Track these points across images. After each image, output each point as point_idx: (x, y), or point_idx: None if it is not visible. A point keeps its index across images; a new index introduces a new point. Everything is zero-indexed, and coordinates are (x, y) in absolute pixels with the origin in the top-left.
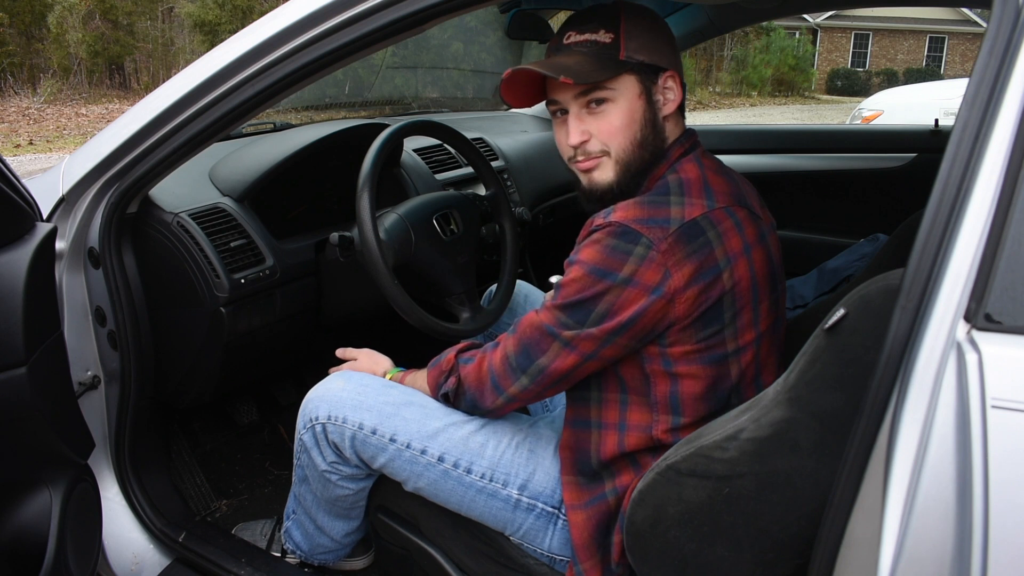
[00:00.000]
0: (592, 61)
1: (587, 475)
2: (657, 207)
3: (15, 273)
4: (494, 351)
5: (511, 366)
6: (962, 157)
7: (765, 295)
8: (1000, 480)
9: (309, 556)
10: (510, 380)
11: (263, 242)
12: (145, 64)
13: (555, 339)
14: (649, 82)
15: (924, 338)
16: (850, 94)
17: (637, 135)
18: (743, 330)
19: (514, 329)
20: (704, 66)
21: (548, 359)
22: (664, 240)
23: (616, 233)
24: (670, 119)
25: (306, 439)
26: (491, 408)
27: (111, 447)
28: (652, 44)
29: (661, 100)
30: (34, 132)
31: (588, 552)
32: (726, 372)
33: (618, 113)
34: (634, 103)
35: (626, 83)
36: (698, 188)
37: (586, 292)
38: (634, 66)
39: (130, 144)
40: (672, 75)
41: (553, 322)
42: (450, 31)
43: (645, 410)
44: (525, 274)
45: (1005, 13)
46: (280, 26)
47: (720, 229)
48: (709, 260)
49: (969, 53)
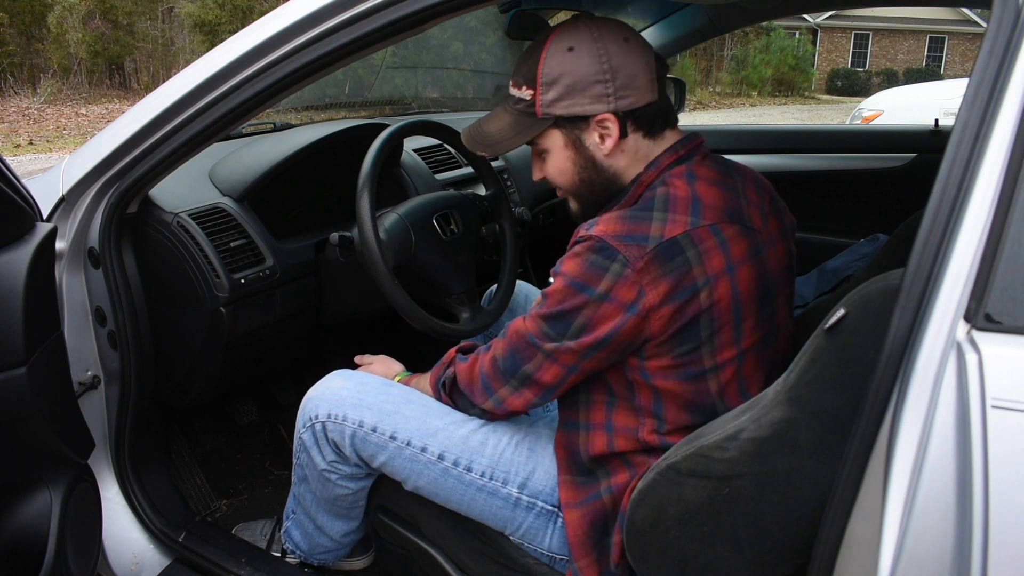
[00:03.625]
0: (514, 124)
1: (582, 473)
2: (638, 223)
3: (15, 273)
4: (486, 353)
5: (499, 370)
6: (962, 157)
7: (750, 313)
8: (1000, 480)
9: (309, 556)
10: (499, 383)
11: (263, 242)
12: (145, 64)
13: (538, 350)
14: (576, 130)
15: (924, 338)
16: (850, 94)
17: (575, 179)
18: (721, 348)
19: (504, 333)
20: (704, 66)
21: (533, 367)
22: (640, 259)
23: (595, 248)
24: (616, 154)
25: (305, 438)
26: (484, 408)
27: (111, 447)
28: (571, 91)
29: (596, 143)
30: (34, 132)
31: (583, 550)
32: (704, 388)
33: (553, 162)
34: (563, 153)
35: (551, 136)
36: (684, 205)
37: (566, 304)
38: (553, 120)
39: (130, 144)
40: (603, 118)
41: (536, 332)
42: (450, 31)
43: (631, 414)
44: (525, 274)
45: (1005, 13)
46: (280, 26)
47: (701, 248)
48: (686, 279)
49: (969, 53)
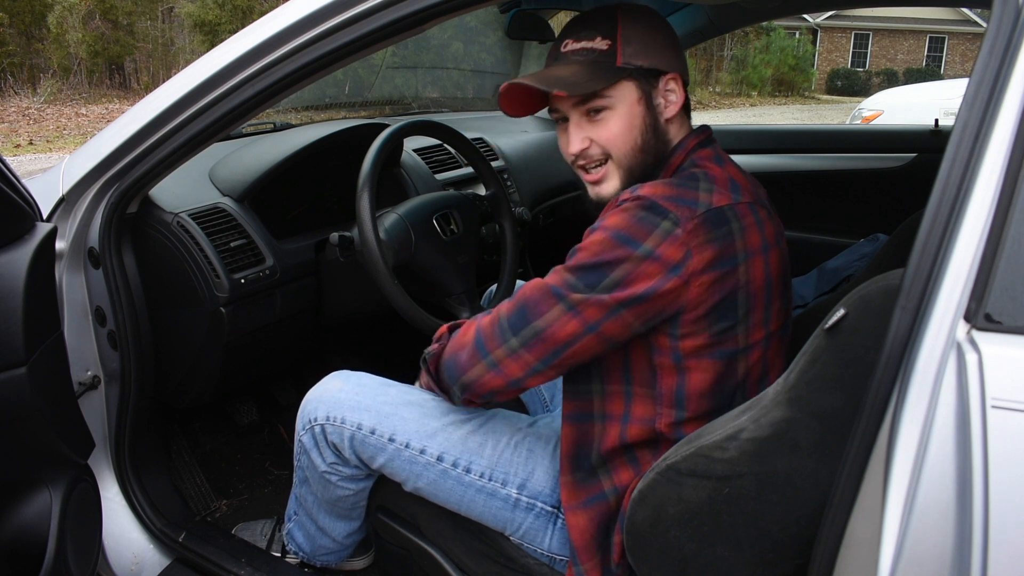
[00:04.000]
0: (588, 70)
1: (585, 471)
2: (686, 189)
3: (15, 273)
4: (484, 315)
5: (501, 327)
6: (962, 157)
7: (777, 296)
8: (1000, 480)
9: (311, 557)
10: (497, 341)
11: (263, 242)
12: (145, 64)
13: (559, 301)
14: (649, 87)
15: (924, 338)
16: (850, 94)
17: (638, 140)
18: (754, 328)
19: (511, 297)
20: (704, 66)
21: (546, 321)
22: (691, 220)
23: (645, 206)
24: (674, 121)
25: (305, 440)
26: (470, 376)
27: (111, 447)
28: (651, 48)
29: (663, 104)
30: (34, 132)
31: (589, 553)
32: (733, 369)
33: (617, 120)
34: (633, 109)
35: (624, 90)
36: (723, 182)
37: (605, 255)
38: (632, 72)
39: (130, 144)
40: (674, 77)
41: (561, 283)
42: (450, 31)
43: (649, 403)
44: (525, 274)
45: (1005, 13)
46: (280, 26)
47: (743, 223)
48: (729, 250)
49: (969, 53)
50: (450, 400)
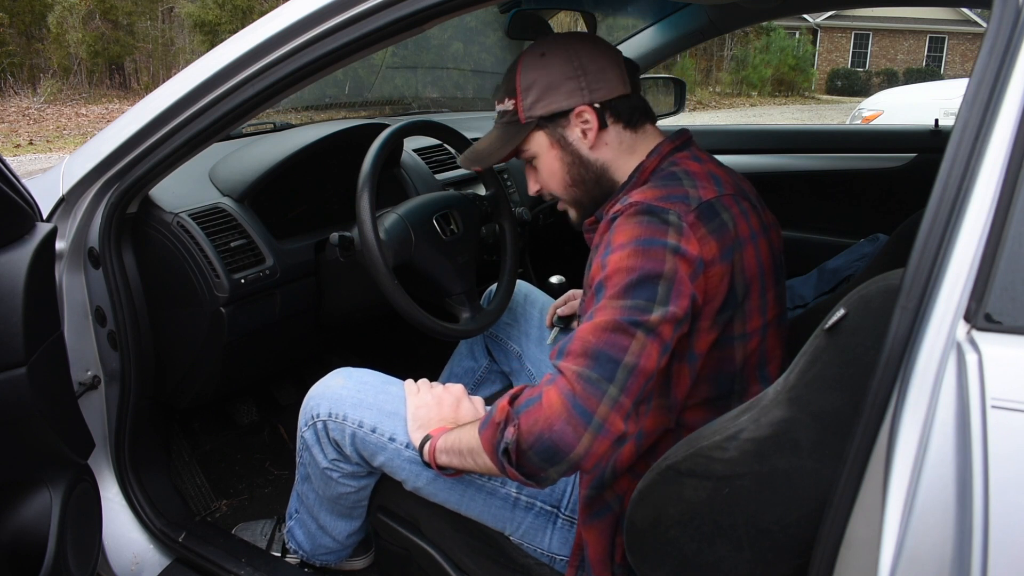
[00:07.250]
0: (502, 134)
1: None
2: (671, 188)
3: (15, 273)
4: (558, 378)
5: (591, 380)
6: (962, 157)
7: (771, 284)
8: (1000, 480)
9: (311, 556)
10: (596, 398)
11: (263, 242)
12: (145, 64)
13: (637, 328)
14: (559, 128)
15: (924, 338)
16: (850, 94)
17: (566, 178)
18: (750, 315)
19: (565, 351)
20: (704, 66)
21: (634, 356)
22: (689, 214)
23: (642, 211)
24: (604, 144)
25: (307, 436)
26: (579, 451)
27: (111, 447)
28: (549, 92)
29: (579, 137)
30: (34, 132)
31: (603, 565)
32: (730, 355)
33: (544, 166)
34: (550, 154)
35: (537, 140)
36: (704, 177)
37: (641, 265)
38: (536, 123)
39: (130, 144)
40: (580, 110)
41: (623, 313)
42: (450, 31)
43: (663, 413)
44: (525, 274)
45: (1005, 13)
46: (280, 26)
47: (732, 213)
48: (726, 239)
49: (969, 53)
50: (537, 486)
